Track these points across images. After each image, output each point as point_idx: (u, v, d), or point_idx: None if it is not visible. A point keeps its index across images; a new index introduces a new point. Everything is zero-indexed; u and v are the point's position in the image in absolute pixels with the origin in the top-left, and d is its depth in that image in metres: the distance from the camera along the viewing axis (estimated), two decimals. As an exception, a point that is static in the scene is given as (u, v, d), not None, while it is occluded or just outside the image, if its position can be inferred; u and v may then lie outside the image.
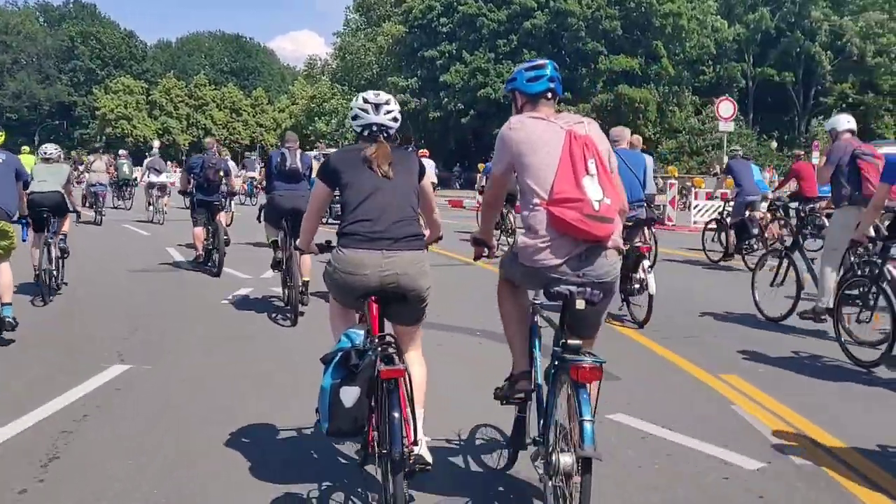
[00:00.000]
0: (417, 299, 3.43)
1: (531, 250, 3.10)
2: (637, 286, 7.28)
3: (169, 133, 76.13)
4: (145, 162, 22.91)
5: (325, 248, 3.68)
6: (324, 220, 4.79)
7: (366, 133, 3.52)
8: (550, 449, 3.04)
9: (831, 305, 6.53)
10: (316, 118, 64.17)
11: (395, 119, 3.52)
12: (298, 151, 8.00)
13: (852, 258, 6.51)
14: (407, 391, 3.03)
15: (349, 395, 2.97)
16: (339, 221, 3.51)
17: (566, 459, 2.85)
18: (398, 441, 2.85)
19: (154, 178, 18.81)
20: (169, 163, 33.97)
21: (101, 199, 18.06)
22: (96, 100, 75.71)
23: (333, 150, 10.17)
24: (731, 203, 12.11)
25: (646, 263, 7.19)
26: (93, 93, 76.99)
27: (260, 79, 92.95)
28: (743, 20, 47.63)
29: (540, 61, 3.40)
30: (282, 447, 4.14)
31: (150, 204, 18.95)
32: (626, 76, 43.79)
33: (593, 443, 2.72)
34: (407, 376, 3.03)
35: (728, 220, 11.98)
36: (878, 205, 5.80)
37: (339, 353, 3.05)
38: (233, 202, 17.80)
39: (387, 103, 3.51)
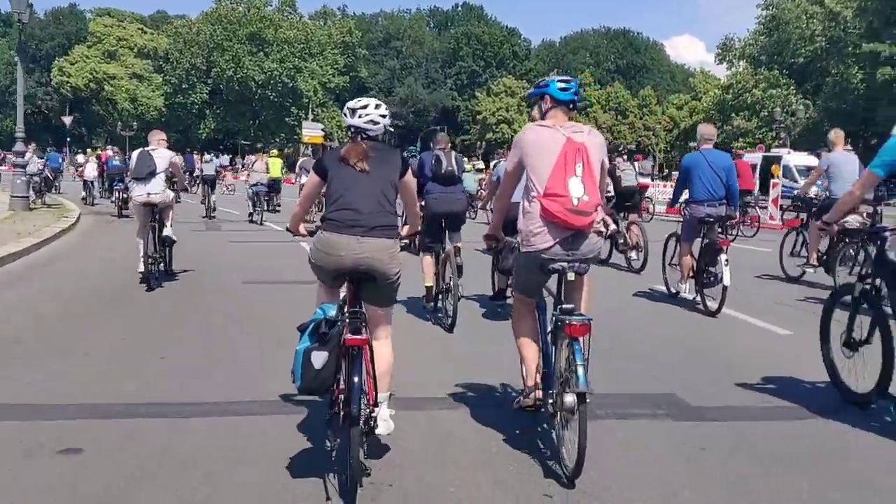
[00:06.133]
0: (386, 281, 3.98)
1: (530, 235, 4.00)
2: (712, 278, 8.18)
3: (550, 137, 68.65)
4: (299, 162, 26.09)
5: (314, 232, 4.18)
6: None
7: (349, 134, 4.17)
8: (556, 392, 3.94)
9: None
10: (733, 113, 50.70)
11: (372, 121, 4.08)
12: (453, 153, 7.95)
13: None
14: (370, 358, 3.74)
15: (319, 358, 3.52)
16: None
17: (568, 398, 3.69)
18: (356, 399, 3.46)
19: (304, 179, 20.82)
20: None
21: (261, 198, 19.85)
22: (478, 103, 71.25)
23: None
24: None
25: (723, 257, 7.94)
26: (475, 96, 72.69)
27: (648, 76, 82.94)
28: None
29: (567, 77, 4.39)
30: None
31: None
32: None
33: (587, 381, 3.61)
34: (369, 346, 3.73)
35: None
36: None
37: (313, 323, 3.64)
38: None
39: (363, 108, 4.09)
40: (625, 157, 12.89)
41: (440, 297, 7.68)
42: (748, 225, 17.81)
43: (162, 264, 9.49)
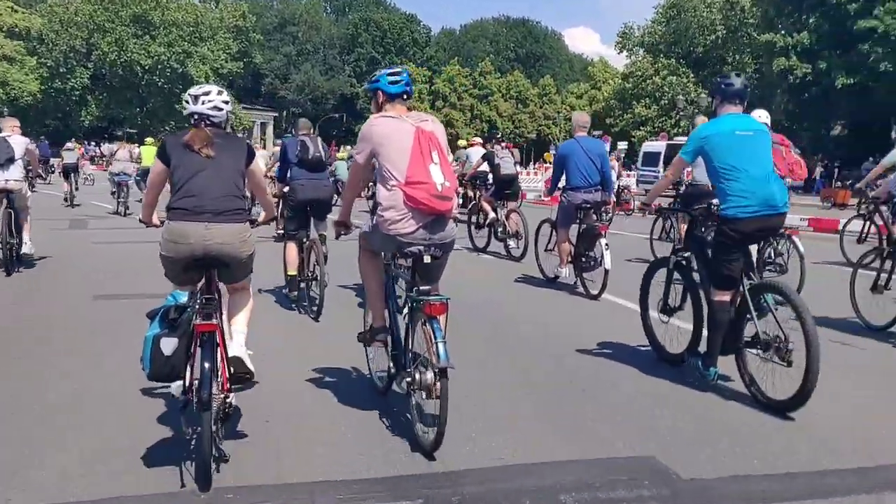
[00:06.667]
0: (239, 265, 4.07)
1: (391, 222, 4.11)
2: (592, 262, 8.53)
3: (452, 126, 67.77)
4: None
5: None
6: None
7: (192, 121, 4.14)
8: (412, 371, 4.09)
9: None
10: (634, 101, 51.12)
11: (216, 108, 4.14)
12: (319, 139, 7.82)
13: None
14: (223, 343, 3.81)
15: (168, 345, 3.58)
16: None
17: (427, 375, 3.90)
18: (206, 385, 3.42)
19: None
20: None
21: (124, 188, 18.77)
22: (378, 90, 69.35)
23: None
24: None
25: (603, 241, 8.26)
26: (374, 83, 70.82)
27: (548, 65, 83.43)
28: None
29: (398, 69, 4.47)
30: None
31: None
32: None
33: (447, 357, 3.79)
34: (219, 331, 3.72)
35: None
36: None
37: (163, 309, 3.71)
38: None
39: (206, 94, 4.14)
40: (502, 144, 12.78)
41: (304, 285, 7.70)
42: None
43: (18, 249, 9.95)
